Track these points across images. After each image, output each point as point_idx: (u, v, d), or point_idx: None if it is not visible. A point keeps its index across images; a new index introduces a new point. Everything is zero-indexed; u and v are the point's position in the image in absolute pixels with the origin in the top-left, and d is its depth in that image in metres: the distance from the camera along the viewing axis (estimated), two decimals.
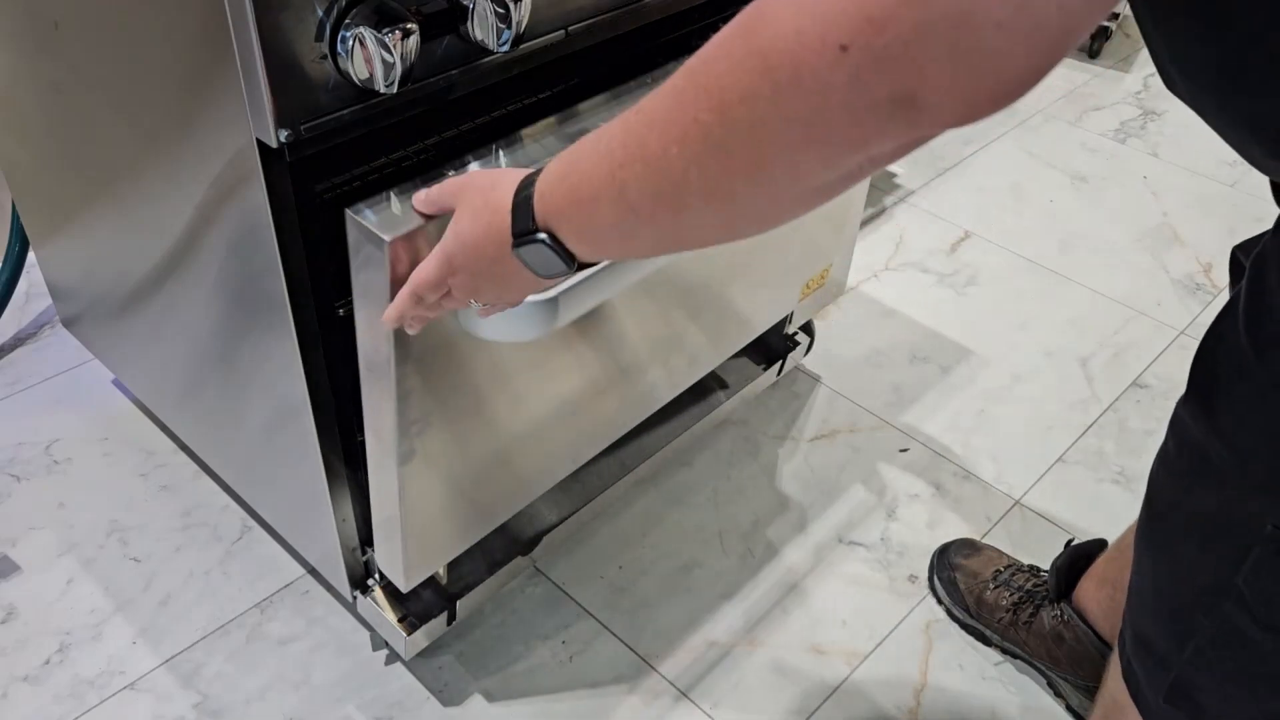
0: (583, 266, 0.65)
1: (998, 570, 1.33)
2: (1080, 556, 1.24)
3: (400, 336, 0.86)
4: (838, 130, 0.46)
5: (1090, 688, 1.21)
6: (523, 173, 0.65)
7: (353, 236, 0.83)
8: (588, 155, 0.59)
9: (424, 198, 0.79)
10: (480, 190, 0.69)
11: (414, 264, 0.79)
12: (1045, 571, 1.31)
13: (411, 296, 0.75)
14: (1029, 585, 1.29)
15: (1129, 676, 0.79)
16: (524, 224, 0.63)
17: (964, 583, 1.34)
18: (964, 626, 1.34)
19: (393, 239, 0.79)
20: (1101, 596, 1.20)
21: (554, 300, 0.85)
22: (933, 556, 1.41)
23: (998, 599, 1.30)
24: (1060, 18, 0.41)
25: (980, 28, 0.41)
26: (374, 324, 0.87)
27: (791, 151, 0.48)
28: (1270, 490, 0.61)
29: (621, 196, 0.57)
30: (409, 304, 0.76)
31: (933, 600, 1.38)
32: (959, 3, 0.40)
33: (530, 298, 0.83)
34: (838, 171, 0.50)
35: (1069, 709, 1.27)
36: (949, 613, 1.36)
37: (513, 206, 0.64)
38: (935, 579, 1.38)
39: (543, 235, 0.62)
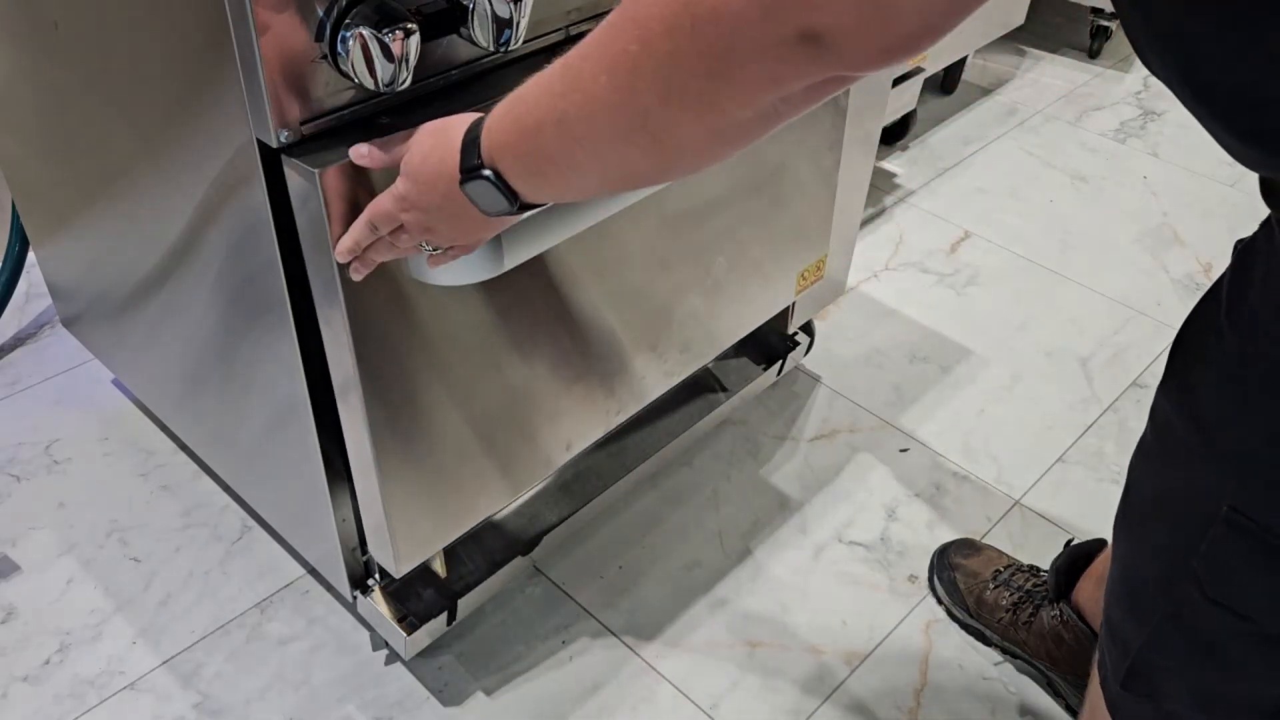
0: (528, 209, 0.69)
1: (997, 570, 1.34)
2: (1080, 556, 1.24)
3: (350, 284, 0.86)
4: (751, 63, 0.51)
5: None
6: (474, 116, 0.69)
7: (292, 182, 0.84)
8: (532, 89, 0.63)
9: (366, 152, 0.80)
10: (432, 132, 0.73)
11: (349, 199, 0.82)
12: (1045, 571, 1.31)
13: (367, 225, 0.78)
14: (1029, 585, 1.30)
15: (1100, 664, 0.80)
16: (471, 160, 0.67)
17: (964, 583, 1.34)
18: (964, 626, 1.34)
19: (322, 171, 0.80)
20: (1099, 595, 1.20)
21: (498, 240, 0.86)
22: (933, 556, 1.41)
23: (997, 599, 1.30)
24: None
25: None
26: (323, 268, 0.87)
27: (709, 82, 0.52)
28: (1233, 473, 0.61)
29: (561, 124, 0.61)
30: (364, 231, 0.79)
31: (933, 600, 1.38)
32: None
33: None
34: (754, 107, 0.54)
35: (1068, 709, 1.27)
36: (949, 613, 1.36)
37: (462, 144, 0.68)
38: (935, 579, 1.38)
39: (487, 171, 0.66)
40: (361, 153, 0.80)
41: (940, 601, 1.37)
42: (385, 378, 0.94)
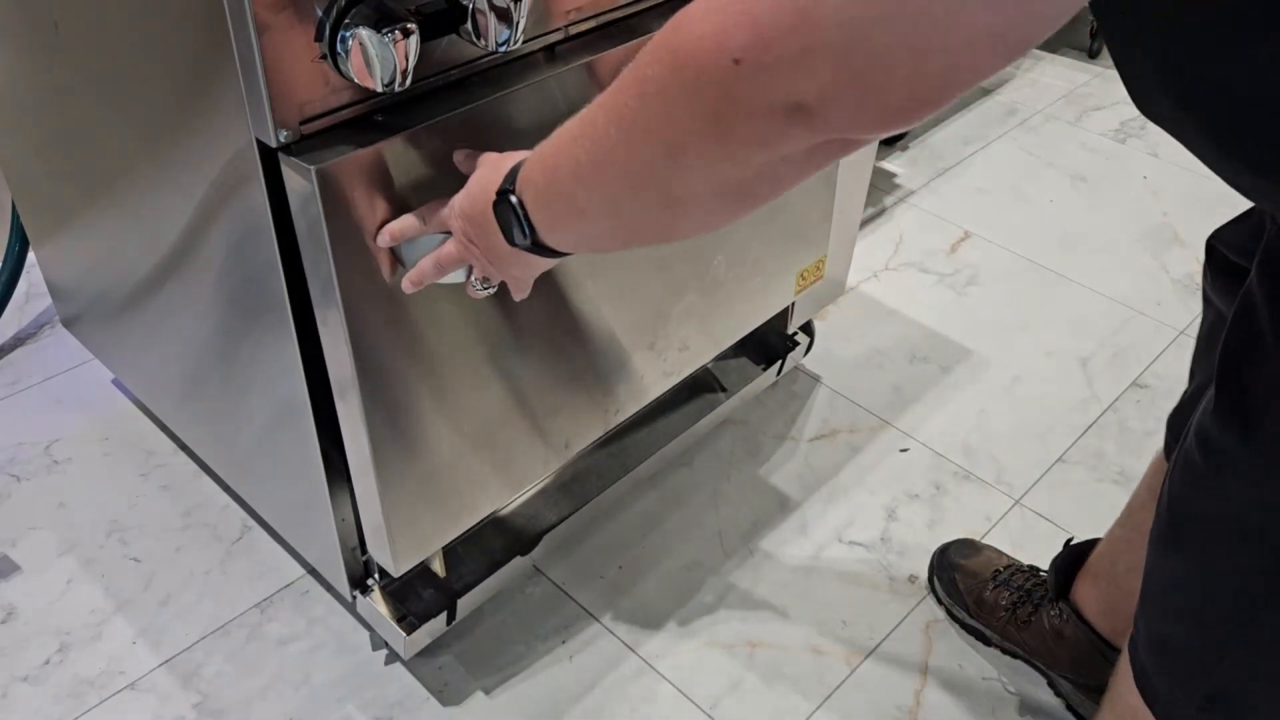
0: (545, 252, 0.72)
1: (997, 570, 1.33)
2: (1079, 555, 1.24)
3: (348, 283, 0.87)
4: (737, 128, 0.51)
5: (1089, 686, 1.21)
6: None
7: (290, 181, 0.84)
8: (561, 130, 0.66)
9: (462, 156, 0.87)
10: (498, 156, 0.79)
11: (346, 197, 0.84)
12: (1045, 571, 1.31)
13: (418, 215, 0.85)
14: (1028, 585, 1.30)
15: (1143, 682, 0.79)
16: (506, 184, 0.72)
17: (964, 583, 1.34)
18: (964, 626, 1.34)
19: (319, 168, 0.81)
20: (1096, 593, 1.20)
21: None
22: (933, 557, 1.41)
23: (997, 599, 1.30)
24: (944, 60, 0.44)
25: (863, 62, 0.44)
26: (322, 268, 0.87)
27: (698, 141, 0.54)
28: None
29: (575, 169, 0.64)
30: (413, 221, 0.85)
31: (933, 600, 1.38)
32: (843, 36, 0.43)
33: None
34: (748, 168, 0.55)
35: (1069, 708, 1.27)
36: (949, 613, 1.36)
37: (507, 171, 0.73)
38: (935, 579, 1.38)
39: (514, 198, 0.71)
40: (460, 156, 0.87)
41: (940, 602, 1.37)
42: (383, 378, 0.94)
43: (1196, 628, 0.73)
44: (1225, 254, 0.85)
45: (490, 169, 0.76)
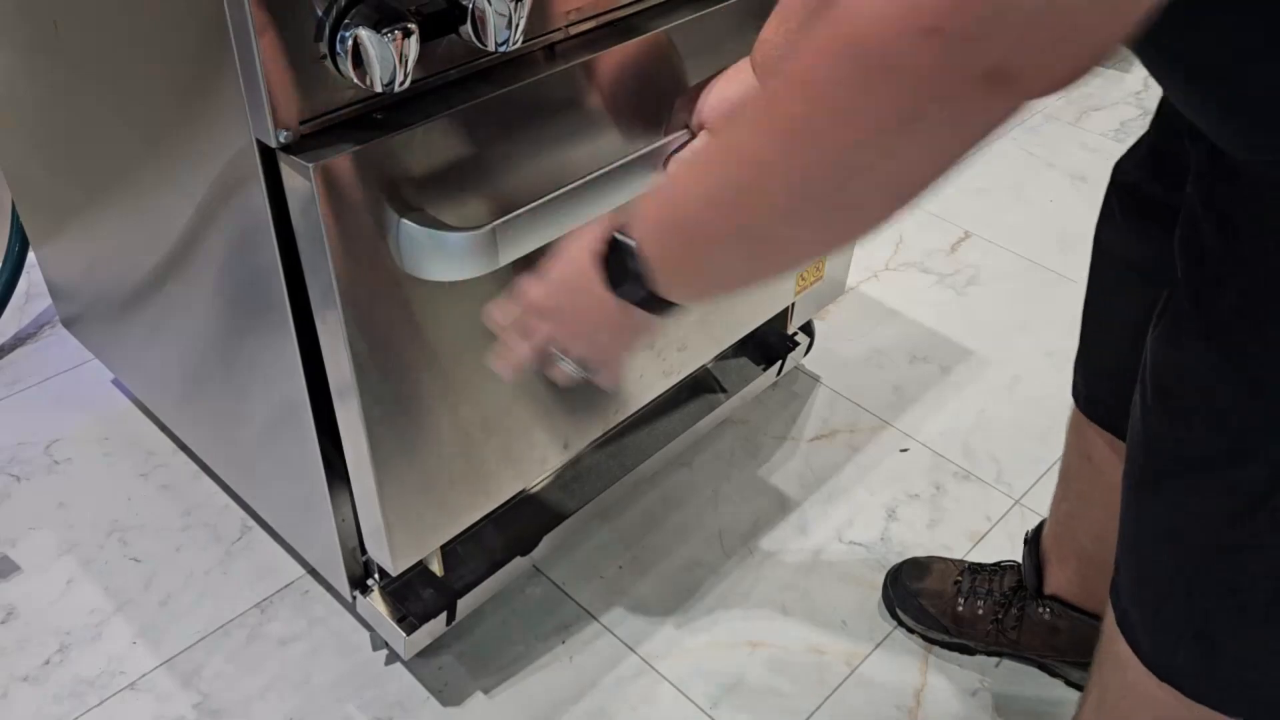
0: (656, 306, 0.66)
1: (956, 580, 1.31)
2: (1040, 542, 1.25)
3: (347, 285, 0.86)
4: (932, 110, 0.47)
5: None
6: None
7: (288, 181, 0.84)
8: (666, 181, 0.62)
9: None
10: (575, 243, 0.72)
11: (344, 195, 0.82)
12: (999, 566, 1.30)
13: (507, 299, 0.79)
14: (1000, 588, 1.28)
15: (1126, 626, 0.79)
16: (608, 238, 0.66)
17: (932, 606, 1.31)
18: (946, 646, 1.32)
19: (317, 165, 0.80)
20: (1068, 574, 1.21)
21: (493, 234, 0.86)
22: (885, 591, 1.36)
23: (974, 611, 1.28)
24: None
25: (1057, 12, 0.42)
26: (320, 268, 0.87)
27: (885, 135, 0.49)
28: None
29: (709, 197, 0.58)
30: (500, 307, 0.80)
31: (902, 633, 1.34)
32: None
33: (466, 232, 0.86)
34: (930, 155, 0.50)
35: (1069, 684, 1.27)
36: (924, 638, 1.33)
37: (600, 232, 0.67)
38: (898, 611, 1.34)
39: (621, 237, 0.64)
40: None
41: (912, 630, 1.33)
42: (382, 379, 0.94)
43: (1176, 567, 0.73)
44: (1126, 180, 0.86)
45: (572, 251, 0.71)
